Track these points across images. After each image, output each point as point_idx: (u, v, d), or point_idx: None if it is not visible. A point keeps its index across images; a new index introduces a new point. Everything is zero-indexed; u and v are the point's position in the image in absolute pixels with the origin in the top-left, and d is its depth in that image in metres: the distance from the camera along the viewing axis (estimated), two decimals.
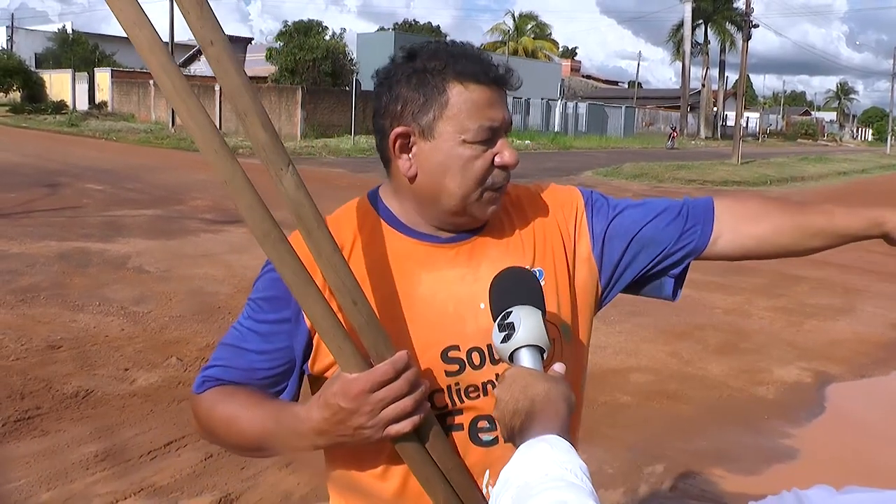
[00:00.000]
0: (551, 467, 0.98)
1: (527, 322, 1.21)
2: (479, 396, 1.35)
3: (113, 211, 12.40)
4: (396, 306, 1.34)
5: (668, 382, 5.80)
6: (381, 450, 1.33)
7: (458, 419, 1.35)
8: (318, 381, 1.38)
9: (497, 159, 1.33)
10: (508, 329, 1.21)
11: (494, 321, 1.25)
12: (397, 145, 1.33)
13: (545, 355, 1.22)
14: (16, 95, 46.91)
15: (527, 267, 1.36)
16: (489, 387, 1.34)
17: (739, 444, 4.78)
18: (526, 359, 1.20)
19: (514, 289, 1.26)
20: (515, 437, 1.13)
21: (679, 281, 1.54)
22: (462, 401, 1.35)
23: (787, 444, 4.85)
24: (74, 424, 4.54)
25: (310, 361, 1.36)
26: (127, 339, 6.09)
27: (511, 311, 1.23)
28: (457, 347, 1.34)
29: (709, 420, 5.14)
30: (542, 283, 1.37)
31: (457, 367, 1.34)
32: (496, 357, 1.30)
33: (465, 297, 1.36)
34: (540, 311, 1.24)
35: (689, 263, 1.53)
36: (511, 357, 1.22)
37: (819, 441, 4.96)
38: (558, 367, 1.23)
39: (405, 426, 1.22)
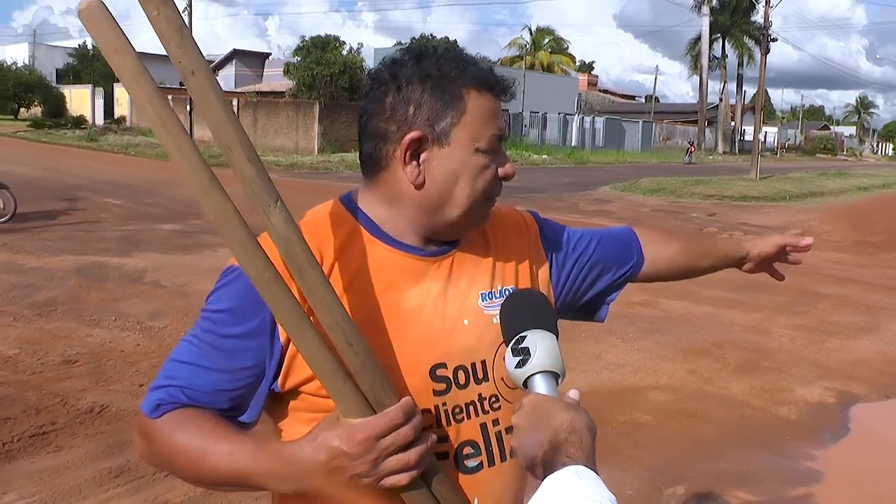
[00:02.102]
0: (581, 499, 0.95)
1: (542, 347, 1.18)
2: (463, 419, 1.31)
3: (130, 225, 12.45)
4: (382, 319, 1.27)
5: (687, 401, 5.72)
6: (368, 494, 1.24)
7: (443, 447, 1.29)
8: (285, 398, 1.29)
9: (500, 170, 1.32)
10: (523, 354, 1.18)
11: (507, 346, 1.21)
12: (409, 151, 1.27)
13: (559, 381, 1.19)
14: (37, 110, 47.44)
15: (490, 287, 1.36)
16: (471, 408, 1.31)
17: (761, 465, 4.70)
18: (541, 385, 1.16)
19: (526, 312, 1.24)
20: (537, 467, 1.09)
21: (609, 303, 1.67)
22: (449, 423, 1.30)
23: (811, 466, 4.76)
24: (89, 440, 4.52)
25: (281, 378, 1.26)
26: (142, 354, 6.07)
27: (525, 336, 1.19)
28: (444, 365, 1.30)
29: (730, 440, 5.06)
30: None
31: (444, 385, 1.30)
32: (510, 384, 1.27)
33: (451, 312, 1.32)
34: (554, 336, 1.21)
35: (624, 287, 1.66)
36: (525, 383, 1.18)
37: (843, 463, 4.87)
38: (573, 394, 1.18)
39: (403, 479, 1.16)
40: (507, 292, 1.38)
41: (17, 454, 4.30)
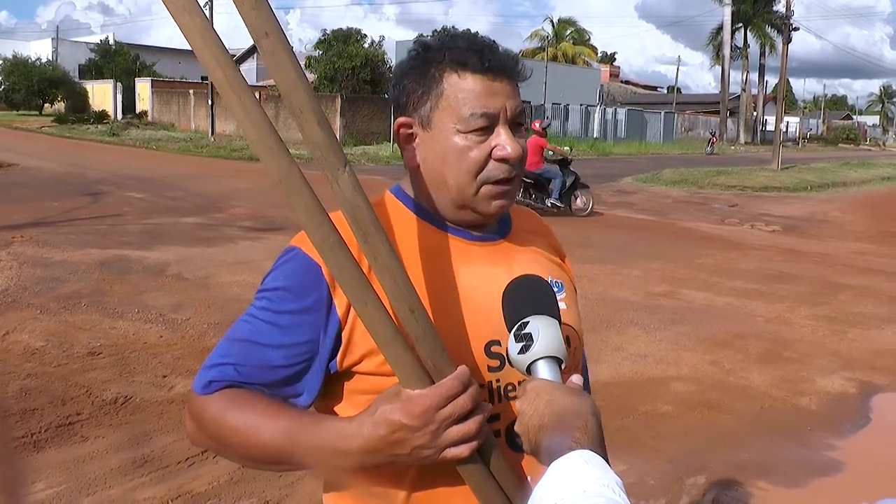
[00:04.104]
0: (589, 483, 0.95)
1: (545, 333, 1.17)
2: (516, 397, 1.29)
3: (153, 219, 12.53)
4: (438, 296, 1.29)
5: (709, 392, 5.71)
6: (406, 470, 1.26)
7: (495, 425, 1.29)
8: (340, 378, 1.31)
9: (495, 151, 1.30)
10: (526, 340, 1.18)
11: (509, 332, 1.21)
12: (401, 136, 1.36)
13: (562, 366, 1.18)
14: (60, 106, 47.75)
15: (549, 277, 1.34)
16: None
17: (783, 455, 4.69)
18: (544, 371, 1.16)
19: (528, 298, 1.23)
20: (542, 452, 1.09)
21: None
22: (501, 400, 1.31)
23: (832, 456, 4.75)
24: (113, 430, 4.58)
25: (339, 356, 1.27)
26: (165, 345, 6.13)
27: (528, 322, 1.19)
28: (498, 342, 1.31)
29: (751, 431, 5.05)
30: (563, 296, 1.40)
31: (498, 362, 1.31)
32: (513, 367, 1.25)
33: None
34: (557, 321, 1.21)
35: None
36: (528, 369, 1.18)
37: (864, 453, 4.85)
38: (576, 379, 1.19)
39: (464, 451, 1.17)
40: (558, 283, 1.40)
41: (45, 444, 4.35)
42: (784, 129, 37.09)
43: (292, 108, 1.10)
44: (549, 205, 14.66)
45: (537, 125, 15.04)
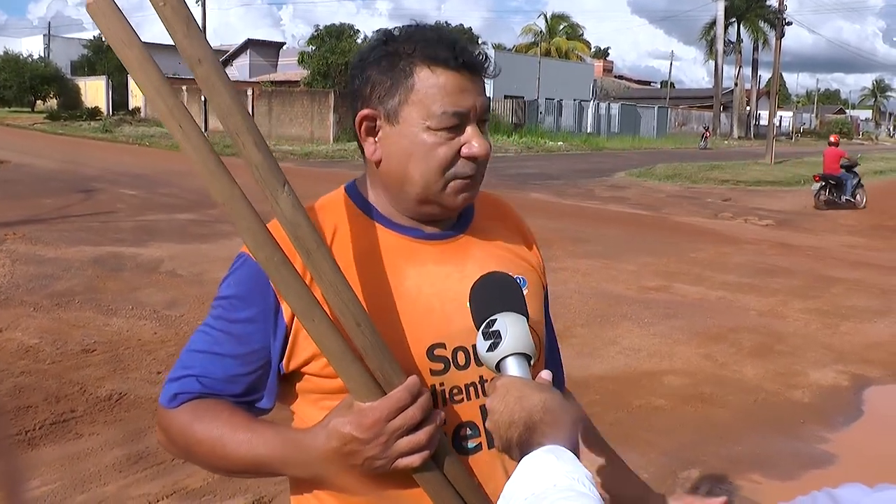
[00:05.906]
0: (559, 478, 0.96)
1: (513, 329, 1.17)
2: (462, 400, 1.30)
3: (146, 215, 12.52)
4: (381, 299, 1.28)
5: (702, 386, 5.73)
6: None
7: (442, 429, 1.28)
8: (291, 379, 1.31)
9: (464, 149, 1.27)
10: (494, 337, 1.17)
11: (478, 329, 1.20)
12: (363, 128, 1.31)
13: (531, 363, 1.18)
14: (53, 102, 47.67)
15: (509, 273, 1.32)
16: (472, 390, 1.31)
17: (776, 448, 4.71)
18: (513, 367, 1.16)
19: (496, 295, 1.23)
20: (513, 448, 1.10)
21: None
22: (445, 403, 1.29)
23: (824, 448, 4.77)
24: (108, 427, 4.58)
25: (285, 359, 1.28)
26: (159, 342, 6.13)
27: (496, 319, 1.19)
28: (442, 345, 1.30)
29: (744, 424, 5.07)
30: (527, 291, 1.37)
31: (442, 365, 1.29)
32: (482, 364, 1.24)
33: (452, 294, 1.31)
34: (525, 318, 1.20)
35: None
36: (497, 366, 1.18)
37: (857, 446, 4.88)
38: (546, 375, 1.19)
39: (415, 460, 1.18)
40: (520, 279, 1.37)
41: (39, 441, 4.35)
42: (777, 124, 37.14)
43: (229, 131, 1.11)
44: (844, 200, 18.33)
45: (834, 139, 20.21)
